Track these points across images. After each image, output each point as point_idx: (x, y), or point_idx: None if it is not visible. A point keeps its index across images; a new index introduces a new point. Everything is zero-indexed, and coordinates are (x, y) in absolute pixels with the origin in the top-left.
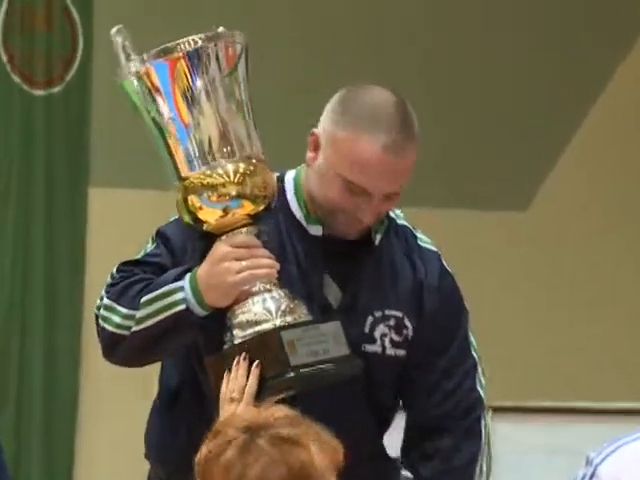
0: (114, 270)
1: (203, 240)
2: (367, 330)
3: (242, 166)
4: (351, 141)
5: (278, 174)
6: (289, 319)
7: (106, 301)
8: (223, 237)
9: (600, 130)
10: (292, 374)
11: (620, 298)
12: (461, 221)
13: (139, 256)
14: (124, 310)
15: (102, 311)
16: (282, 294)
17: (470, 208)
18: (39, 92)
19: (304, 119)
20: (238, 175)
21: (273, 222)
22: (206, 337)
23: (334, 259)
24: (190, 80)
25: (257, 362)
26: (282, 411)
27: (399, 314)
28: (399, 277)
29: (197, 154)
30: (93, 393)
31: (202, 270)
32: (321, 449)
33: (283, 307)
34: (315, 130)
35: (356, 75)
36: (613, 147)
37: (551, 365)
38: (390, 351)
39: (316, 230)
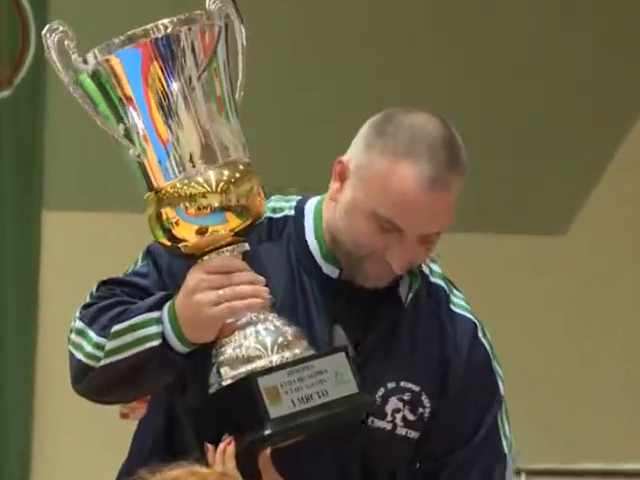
0: (94, 288)
1: (189, 260)
2: (378, 402)
3: (226, 173)
4: (385, 168)
5: (300, 198)
6: (288, 355)
7: (78, 324)
8: (205, 258)
9: None
10: (270, 431)
11: None
12: (495, 246)
13: (124, 274)
14: (94, 337)
15: (73, 335)
16: (279, 325)
17: (505, 233)
18: None
19: (304, 118)
20: (222, 184)
21: (284, 250)
22: (191, 377)
23: (349, 309)
24: (163, 78)
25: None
26: (213, 469)
27: (416, 388)
28: (423, 346)
29: (173, 160)
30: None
31: (178, 301)
32: None
33: (280, 340)
34: (342, 158)
35: (356, 75)
36: None
37: (595, 417)
38: (401, 430)
39: (332, 271)
